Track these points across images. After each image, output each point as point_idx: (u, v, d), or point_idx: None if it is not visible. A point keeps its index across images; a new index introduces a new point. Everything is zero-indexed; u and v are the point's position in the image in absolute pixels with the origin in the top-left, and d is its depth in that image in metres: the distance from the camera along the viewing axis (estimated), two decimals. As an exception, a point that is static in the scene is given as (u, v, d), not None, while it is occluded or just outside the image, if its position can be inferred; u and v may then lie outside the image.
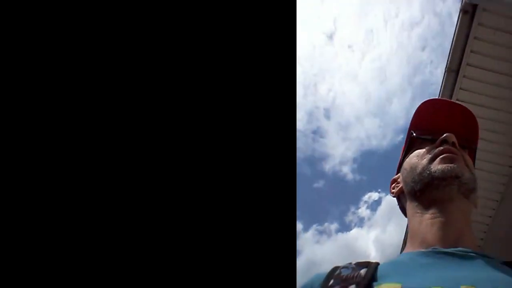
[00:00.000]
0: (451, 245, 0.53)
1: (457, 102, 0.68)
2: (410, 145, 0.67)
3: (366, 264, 0.53)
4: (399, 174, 0.68)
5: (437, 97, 0.67)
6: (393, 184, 0.69)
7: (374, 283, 0.48)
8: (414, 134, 0.66)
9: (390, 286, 0.46)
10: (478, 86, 2.12)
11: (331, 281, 0.51)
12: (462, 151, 0.62)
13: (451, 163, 0.58)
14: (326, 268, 0.56)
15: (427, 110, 0.67)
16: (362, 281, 0.48)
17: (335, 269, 0.54)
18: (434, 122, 0.66)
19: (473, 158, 0.67)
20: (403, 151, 0.69)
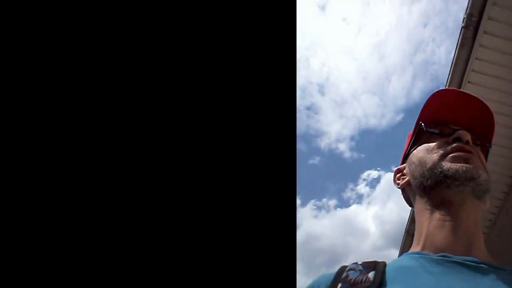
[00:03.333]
0: (462, 253, 0.51)
1: (473, 94, 0.61)
2: (418, 137, 0.63)
3: (374, 266, 0.52)
4: (404, 165, 0.65)
5: (450, 88, 0.61)
6: (398, 175, 0.65)
7: None
8: (424, 128, 0.61)
9: None
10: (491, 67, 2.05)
11: (339, 285, 0.50)
12: (476, 149, 0.58)
13: (466, 163, 0.54)
14: (333, 269, 0.55)
15: (439, 101, 0.61)
16: (372, 286, 0.48)
17: (342, 270, 0.53)
18: (446, 115, 0.61)
19: (486, 157, 0.63)
20: (409, 141, 0.64)
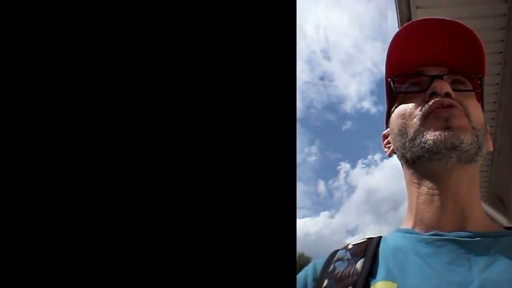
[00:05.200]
0: (454, 228, 0.46)
1: (445, 18, 0.49)
2: (392, 96, 0.54)
3: (363, 251, 0.49)
4: (388, 130, 0.56)
5: (415, 20, 0.51)
6: (385, 141, 0.58)
7: (372, 280, 0.45)
8: (394, 89, 0.52)
9: (385, 285, 0.43)
10: None
11: (325, 281, 0.47)
12: (462, 97, 0.49)
13: (446, 128, 0.46)
14: (324, 256, 0.52)
15: (406, 40, 0.51)
16: (359, 279, 0.45)
17: (330, 260, 0.50)
18: (417, 58, 0.51)
19: (481, 97, 0.53)
20: (387, 100, 0.56)
